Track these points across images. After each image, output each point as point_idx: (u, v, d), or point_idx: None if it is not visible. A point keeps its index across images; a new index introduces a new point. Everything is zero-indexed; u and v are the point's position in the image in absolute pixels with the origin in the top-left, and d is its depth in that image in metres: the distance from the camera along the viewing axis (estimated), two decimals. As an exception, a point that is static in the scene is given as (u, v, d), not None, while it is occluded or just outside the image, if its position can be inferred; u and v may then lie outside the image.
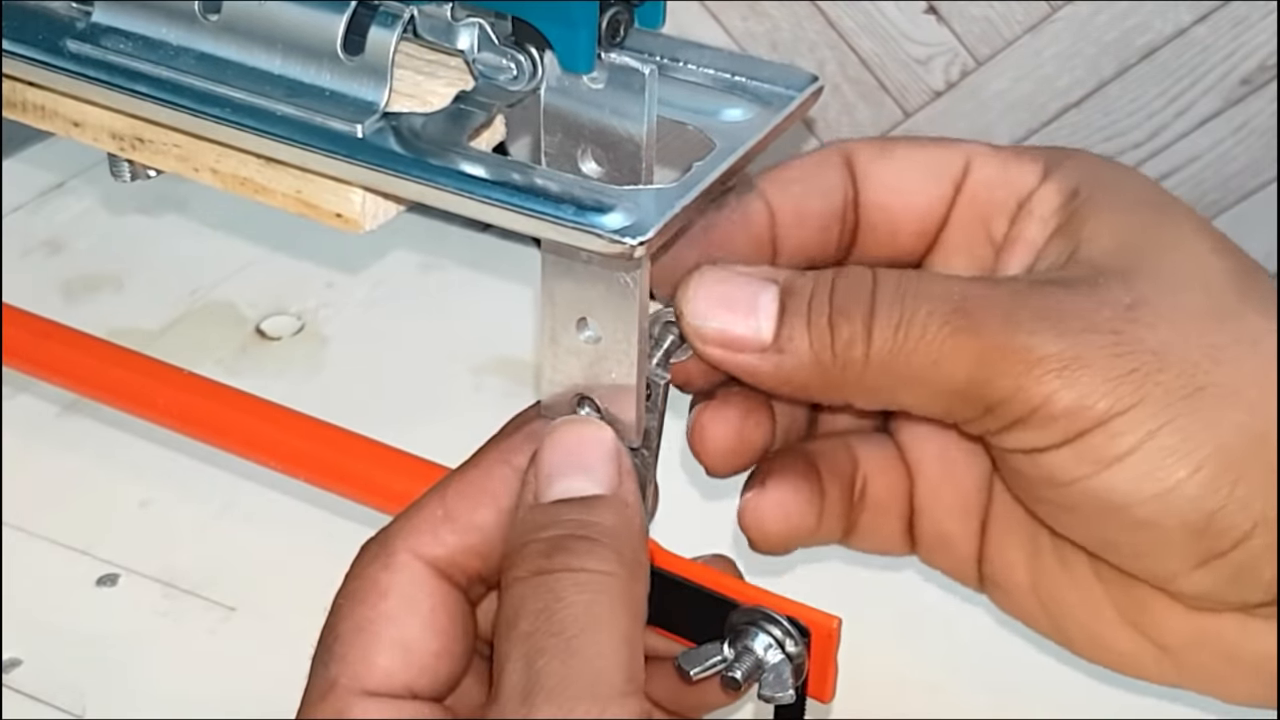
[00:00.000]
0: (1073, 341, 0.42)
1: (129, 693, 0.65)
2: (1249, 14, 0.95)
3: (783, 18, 0.99)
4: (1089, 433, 0.42)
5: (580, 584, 0.41)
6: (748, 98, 0.45)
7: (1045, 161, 0.47)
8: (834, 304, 0.43)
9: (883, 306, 0.43)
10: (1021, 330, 0.42)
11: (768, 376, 0.44)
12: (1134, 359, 0.42)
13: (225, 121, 0.42)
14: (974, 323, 0.42)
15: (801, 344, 0.43)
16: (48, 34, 0.44)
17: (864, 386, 0.44)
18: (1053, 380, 0.42)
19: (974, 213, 0.47)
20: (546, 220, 0.40)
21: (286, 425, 0.63)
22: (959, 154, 0.47)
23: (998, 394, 0.42)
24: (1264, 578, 0.42)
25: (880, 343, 0.43)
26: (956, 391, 0.43)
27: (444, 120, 0.43)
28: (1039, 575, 0.47)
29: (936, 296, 0.43)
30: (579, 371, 0.44)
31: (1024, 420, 0.42)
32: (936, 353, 0.42)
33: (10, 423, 0.74)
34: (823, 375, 0.44)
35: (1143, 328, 0.42)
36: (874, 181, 0.47)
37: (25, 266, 0.86)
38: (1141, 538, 0.43)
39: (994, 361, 0.42)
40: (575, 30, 0.40)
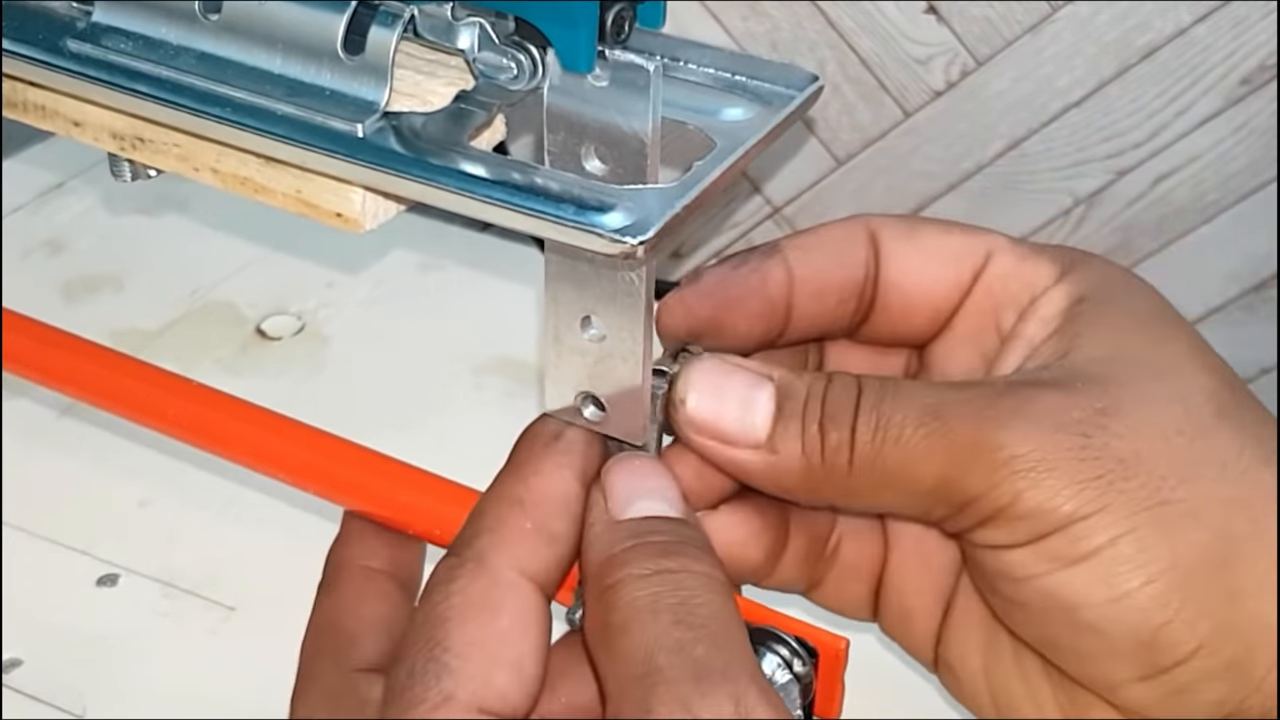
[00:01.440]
0: (1041, 442, 0.42)
1: (129, 693, 0.65)
2: (1249, 14, 0.95)
3: (783, 17, 0.99)
4: (1052, 534, 0.42)
5: (708, 585, 0.42)
6: (748, 97, 0.45)
7: (1062, 264, 0.47)
8: (825, 410, 0.44)
9: (863, 413, 0.44)
10: (991, 430, 0.43)
11: (757, 474, 0.45)
12: (1100, 465, 0.42)
13: (225, 121, 0.42)
14: (946, 424, 0.43)
15: (794, 448, 0.44)
16: (48, 34, 0.44)
17: (848, 491, 0.44)
18: (1019, 480, 0.42)
19: (988, 304, 0.48)
20: (547, 220, 0.40)
21: (286, 434, 0.63)
22: (982, 244, 0.48)
23: (969, 493, 0.43)
24: (1203, 700, 0.43)
25: (861, 447, 0.44)
26: (930, 491, 0.43)
27: (444, 120, 0.43)
28: (992, 665, 0.48)
29: (913, 400, 0.44)
30: (583, 371, 0.44)
31: (993, 519, 0.43)
32: (910, 454, 0.43)
33: (10, 424, 0.74)
34: (811, 479, 0.44)
35: (1111, 435, 0.43)
36: (898, 262, 0.48)
37: (25, 267, 0.86)
38: (1087, 642, 0.43)
39: (964, 461, 0.43)
40: (575, 29, 0.40)
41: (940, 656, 0.49)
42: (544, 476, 0.45)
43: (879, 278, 0.48)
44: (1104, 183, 1.02)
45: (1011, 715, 0.47)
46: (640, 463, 0.45)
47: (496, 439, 0.76)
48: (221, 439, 0.63)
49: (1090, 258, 0.48)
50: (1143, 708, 0.43)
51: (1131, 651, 0.42)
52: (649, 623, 0.41)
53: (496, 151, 0.43)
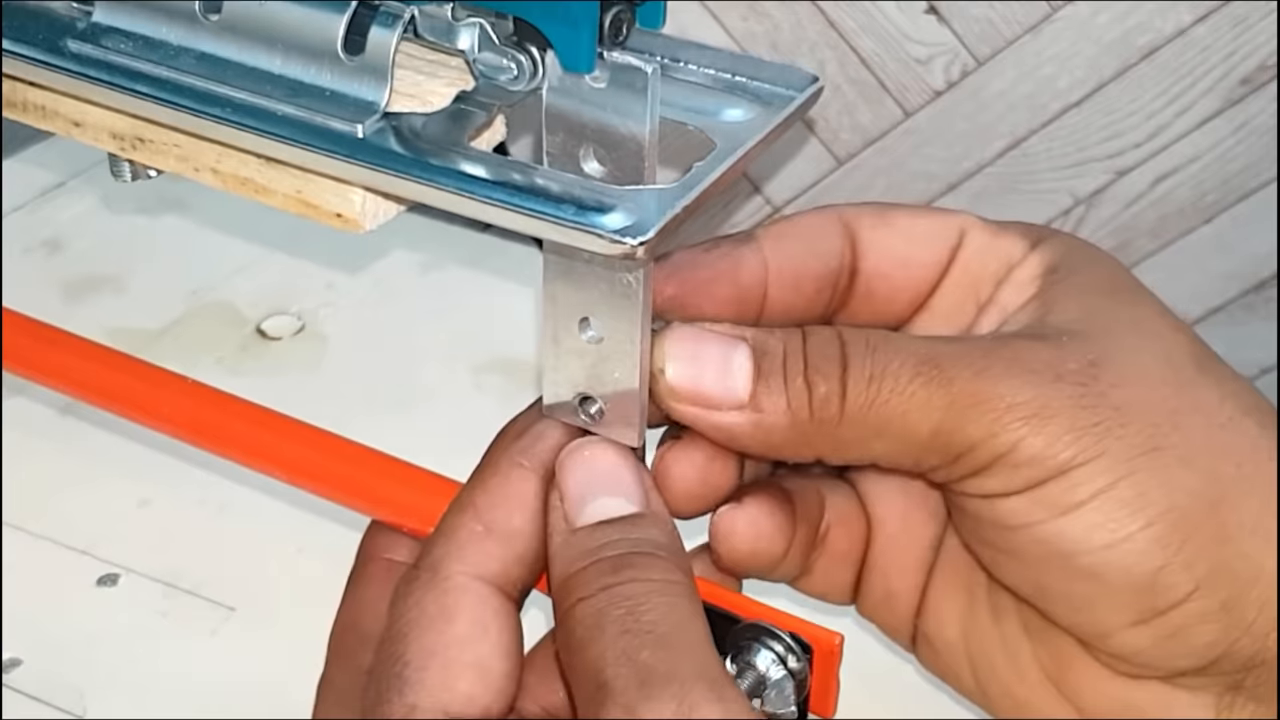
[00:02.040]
0: (1041, 390, 0.43)
1: (129, 692, 0.65)
2: (1249, 14, 0.95)
3: (783, 18, 0.99)
4: (1049, 481, 0.43)
5: (657, 590, 0.42)
6: (748, 98, 0.45)
7: (1031, 237, 0.48)
8: (808, 362, 0.44)
9: (855, 361, 0.44)
10: (992, 379, 0.43)
11: (744, 435, 0.45)
12: (1097, 412, 0.43)
13: (226, 121, 0.42)
14: (944, 374, 0.43)
15: (779, 403, 0.44)
16: (48, 34, 0.44)
17: (838, 441, 0.44)
18: (1021, 428, 0.43)
19: (966, 280, 0.48)
20: (547, 220, 0.40)
21: (286, 433, 0.63)
22: (954, 223, 0.49)
23: (967, 441, 0.43)
24: (1196, 642, 0.43)
25: (854, 397, 0.44)
26: (925, 441, 0.43)
27: (444, 120, 0.43)
28: (970, 631, 0.48)
29: (907, 350, 0.44)
30: (581, 372, 0.44)
31: (989, 467, 0.43)
32: (908, 403, 0.43)
33: (10, 423, 0.74)
34: (799, 433, 0.44)
35: (1106, 384, 0.43)
36: (876, 249, 0.48)
37: (26, 266, 0.86)
38: (1083, 588, 0.43)
39: (964, 409, 0.43)
40: (576, 30, 0.40)
41: (919, 631, 0.50)
42: (499, 476, 0.45)
43: (857, 265, 0.48)
44: (1104, 183, 1.02)
45: (991, 681, 0.48)
46: (592, 452, 0.45)
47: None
48: (221, 438, 0.63)
49: (1056, 232, 0.49)
50: (1134, 653, 0.44)
51: (1129, 595, 0.43)
52: (596, 638, 0.41)
53: (496, 152, 0.43)
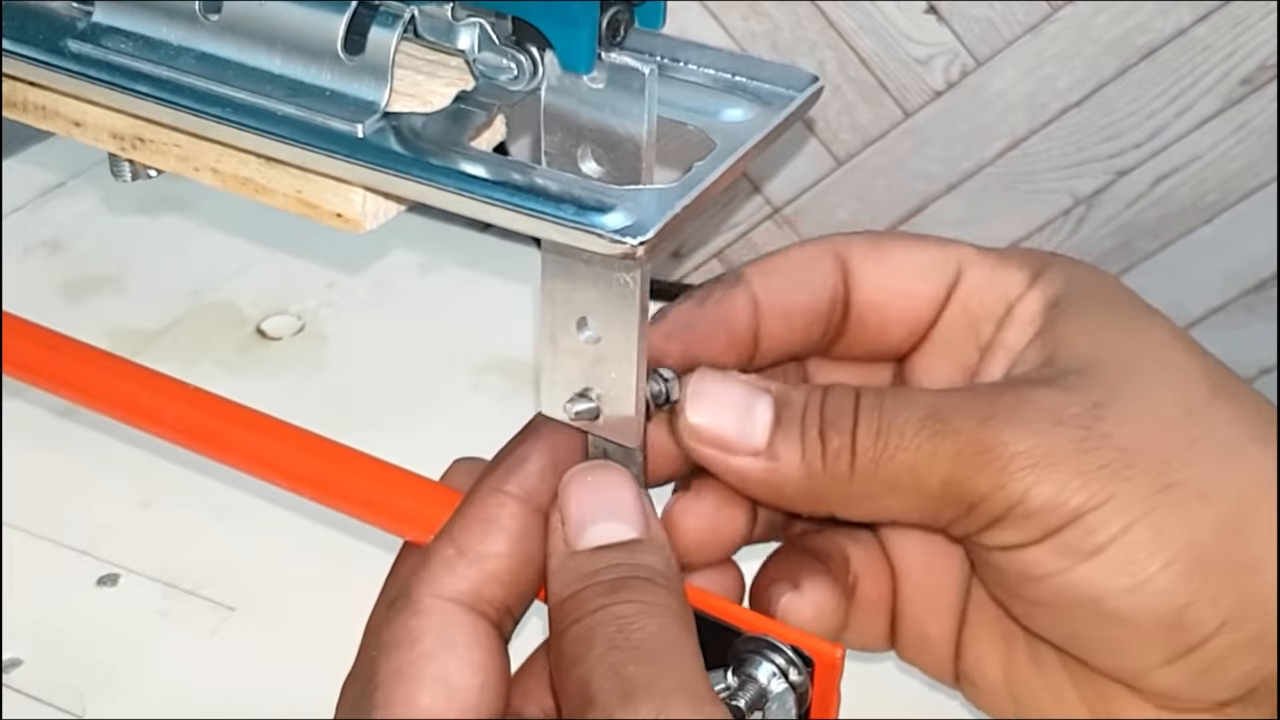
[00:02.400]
0: (1043, 438, 0.43)
1: (129, 692, 0.65)
2: (1249, 14, 0.95)
3: (783, 17, 0.99)
4: (1065, 528, 0.42)
5: (649, 611, 0.42)
6: (748, 98, 0.44)
7: (1032, 268, 0.48)
8: (824, 417, 0.45)
9: (864, 417, 0.44)
10: (994, 429, 0.43)
11: (757, 482, 0.45)
12: (1102, 455, 0.43)
13: (226, 121, 0.42)
14: (948, 426, 0.43)
15: (794, 454, 0.45)
16: (49, 34, 0.44)
17: (850, 497, 0.45)
18: (1027, 476, 0.42)
19: (964, 316, 0.48)
20: (546, 220, 0.40)
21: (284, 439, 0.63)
22: (952, 256, 0.48)
23: (976, 493, 0.43)
24: (1232, 675, 0.43)
25: (863, 452, 0.44)
26: (935, 494, 0.43)
27: (444, 120, 0.43)
28: (1012, 673, 0.48)
29: (913, 404, 0.44)
30: (579, 372, 0.44)
31: (1002, 518, 0.43)
32: (914, 457, 0.43)
33: (10, 425, 0.74)
34: (811, 486, 0.45)
35: (1109, 424, 0.43)
36: (869, 281, 0.48)
37: (26, 266, 0.86)
38: (1113, 633, 0.43)
39: (970, 460, 0.43)
40: (576, 30, 0.40)
41: (961, 672, 0.49)
42: (476, 503, 0.45)
43: (850, 297, 0.48)
44: (1104, 183, 1.02)
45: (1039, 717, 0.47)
46: (595, 476, 0.45)
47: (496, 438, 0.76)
48: (220, 444, 0.63)
49: (1057, 258, 0.48)
50: (1172, 690, 0.44)
51: (1158, 635, 0.43)
52: (585, 654, 0.41)
53: (496, 152, 0.43)
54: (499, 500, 0.45)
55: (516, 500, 0.45)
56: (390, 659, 0.43)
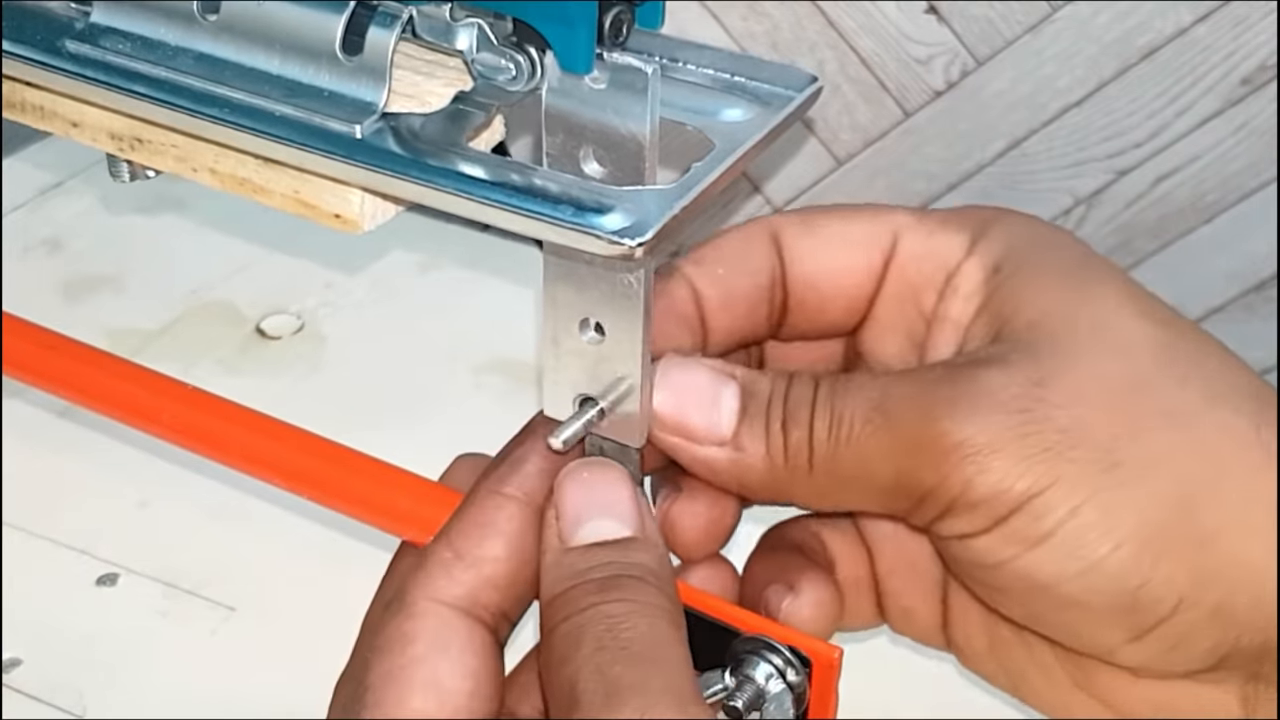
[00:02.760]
0: (982, 425, 0.42)
1: (129, 692, 0.65)
2: (1249, 14, 0.95)
3: (783, 17, 0.98)
4: (1012, 515, 0.42)
5: (639, 611, 0.42)
6: (747, 98, 0.44)
7: (971, 230, 0.47)
8: (786, 409, 0.44)
9: (819, 409, 0.44)
10: (933, 420, 0.43)
11: (722, 472, 0.45)
12: (1044, 438, 0.42)
13: (224, 122, 0.42)
14: (891, 419, 0.43)
15: (758, 447, 0.44)
16: (46, 34, 0.44)
17: (810, 490, 0.44)
18: (968, 467, 0.42)
19: (903, 287, 0.47)
20: (545, 221, 0.40)
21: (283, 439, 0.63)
22: (886, 226, 0.48)
23: (923, 486, 0.43)
24: (1198, 649, 0.43)
25: (819, 446, 0.44)
26: (888, 487, 0.43)
27: (443, 121, 0.43)
28: (997, 645, 0.48)
29: (859, 395, 0.44)
30: (582, 373, 0.44)
31: (950, 509, 0.43)
32: (861, 452, 0.43)
33: (10, 424, 0.74)
34: (774, 478, 0.44)
35: (1051, 406, 0.42)
36: (801, 259, 0.48)
37: (25, 266, 0.86)
38: (1071, 616, 0.43)
39: (913, 455, 0.43)
40: (574, 30, 0.40)
41: (949, 640, 0.49)
42: (474, 505, 0.45)
43: (786, 277, 0.48)
44: (1104, 183, 1.02)
45: (1025, 688, 0.47)
46: (591, 473, 0.45)
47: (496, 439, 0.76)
48: (218, 444, 0.63)
49: (1000, 215, 0.47)
50: (1141, 665, 0.44)
51: (1114, 617, 0.42)
52: (573, 654, 0.41)
53: (495, 153, 0.43)
54: (497, 503, 0.45)
55: (515, 503, 0.45)
56: (383, 661, 0.43)
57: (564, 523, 0.44)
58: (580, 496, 0.44)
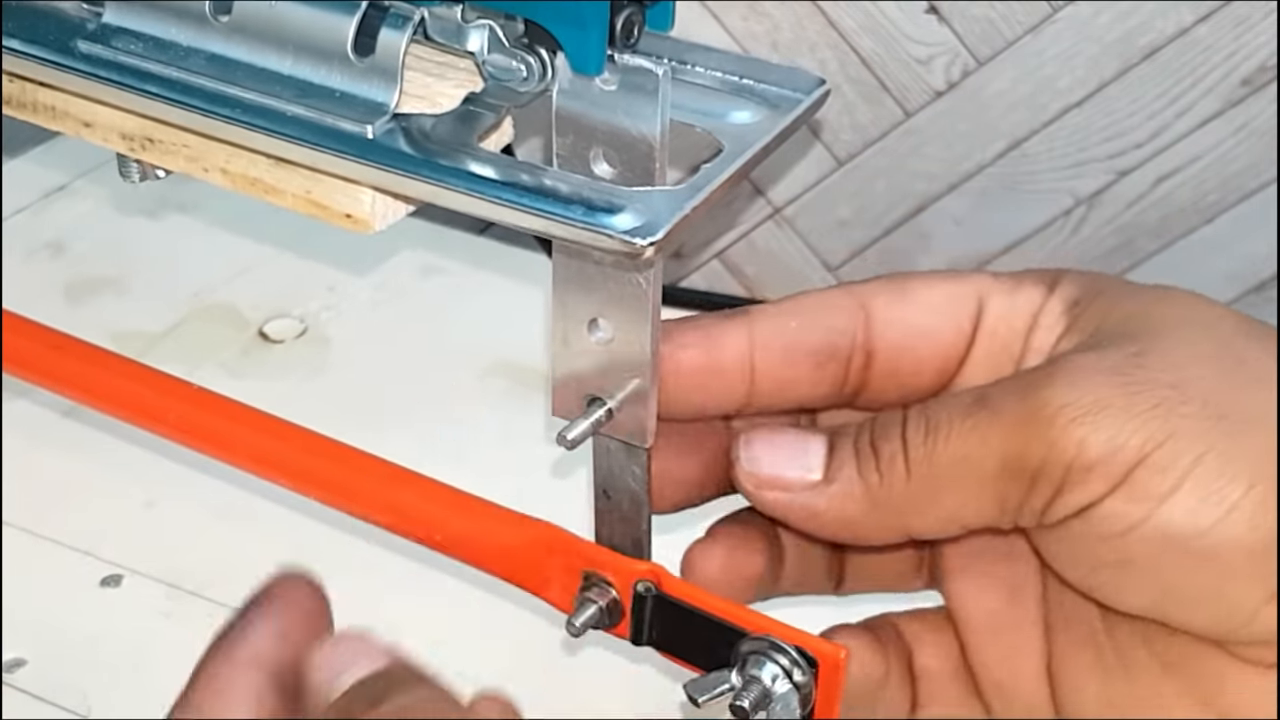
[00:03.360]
0: (1086, 388, 0.42)
1: (133, 693, 0.65)
2: (1250, 14, 0.95)
3: (783, 17, 0.98)
4: (1133, 472, 0.42)
5: None
6: (755, 100, 0.45)
7: (1047, 281, 0.48)
8: (874, 432, 0.45)
9: (911, 420, 0.45)
10: (1036, 393, 0.43)
11: (822, 513, 0.45)
12: (1152, 394, 0.42)
13: (236, 122, 0.42)
14: (992, 407, 0.44)
15: (851, 472, 0.45)
16: (59, 35, 0.45)
17: (913, 503, 0.45)
18: (1079, 428, 0.42)
19: (994, 343, 0.48)
20: (556, 220, 0.40)
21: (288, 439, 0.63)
22: (971, 288, 0.48)
23: (1033, 461, 0.43)
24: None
25: (914, 453, 0.44)
26: (995, 476, 0.43)
27: (453, 121, 0.43)
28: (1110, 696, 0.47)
29: (956, 399, 0.45)
30: (591, 374, 0.45)
31: (1066, 480, 0.42)
32: (965, 445, 0.43)
33: (12, 426, 0.74)
34: (872, 499, 0.45)
35: (1153, 370, 0.43)
36: (892, 323, 0.48)
37: (28, 268, 0.86)
38: (1207, 577, 0.42)
39: (1019, 432, 0.43)
40: (586, 31, 0.40)
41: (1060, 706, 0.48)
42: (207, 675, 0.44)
43: (874, 343, 0.48)
44: (1105, 183, 1.02)
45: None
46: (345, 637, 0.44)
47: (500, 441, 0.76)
48: (223, 444, 0.63)
49: (1067, 270, 0.48)
50: (1268, 635, 0.43)
51: (1254, 568, 0.42)
52: None
53: (504, 154, 0.43)
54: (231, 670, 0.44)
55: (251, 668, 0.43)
56: None
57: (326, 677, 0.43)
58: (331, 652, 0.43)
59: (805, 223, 1.05)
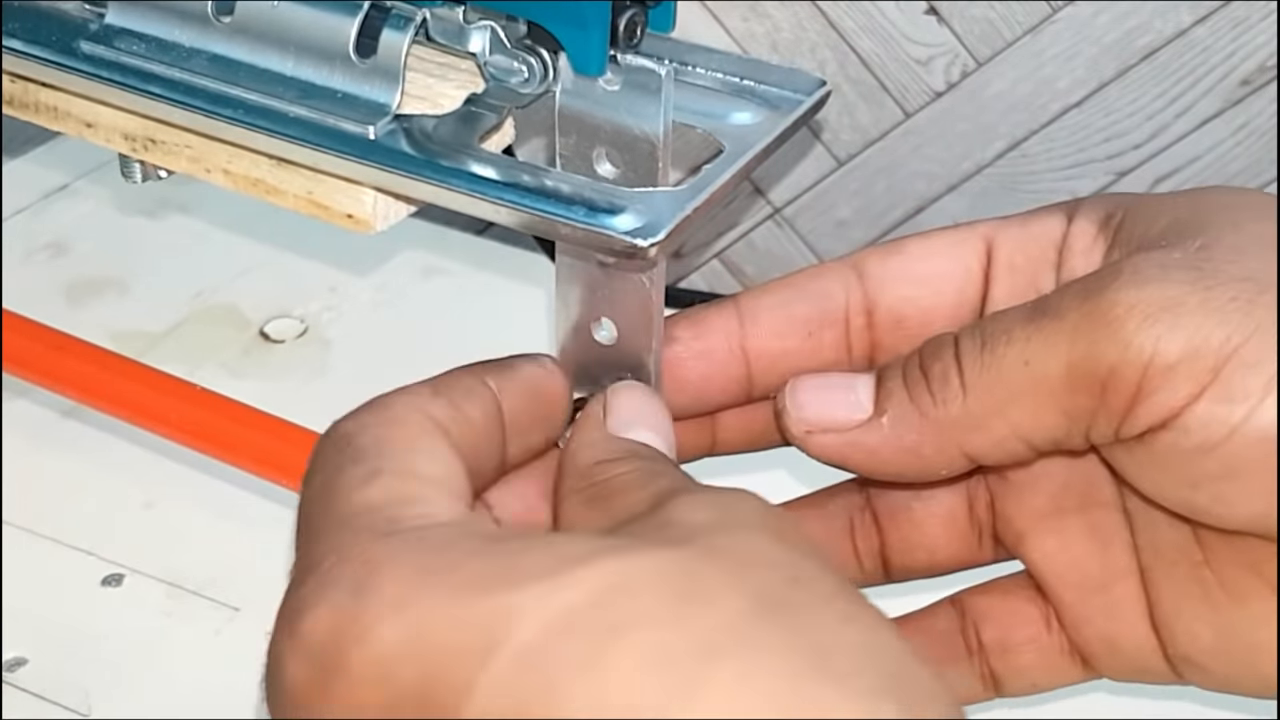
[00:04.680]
0: (1157, 286, 0.39)
1: (134, 692, 0.65)
2: (1249, 15, 0.95)
3: (783, 18, 0.99)
4: (1221, 371, 0.38)
5: None
6: (756, 101, 0.45)
7: (1066, 208, 0.45)
8: (923, 355, 0.42)
9: (965, 337, 0.42)
10: (1100, 294, 0.39)
11: (879, 449, 0.43)
12: (1228, 288, 0.39)
13: (238, 122, 0.43)
14: (1051, 312, 0.40)
15: (902, 399, 0.42)
16: (61, 35, 0.45)
17: (973, 421, 0.41)
18: (1154, 327, 0.39)
19: (1017, 279, 0.45)
20: (558, 221, 0.40)
21: (287, 439, 0.63)
22: (973, 232, 0.46)
23: (1104, 366, 0.39)
24: None
25: (970, 366, 0.41)
26: (1061, 385, 0.40)
27: (455, 122, 0.43)
28: (1223, 631, 0.44)
29: (1011, 311, 0.42)
30: (595, 372, 0.45)
31: (1145, 385, 0.39)
32: (1026, 349, 0.40)
33: (13, 426, 0.74)
34: (928, 424, 0.42)
35: (1222, 262, 0.39)
36: (888, 279, 0.46)
37: (29, 269, 0.86)
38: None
39: (1086, 334, 0.39)
40: (587, 32, 0.40)
41: (1173, 660, 0.45)
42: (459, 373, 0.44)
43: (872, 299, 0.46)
44: (1104, 183, 1.02)
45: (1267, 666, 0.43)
46: (645, 395, 0.43)
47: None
48: (224, 444, 0.63)
49: (1083, 198, 0.46)
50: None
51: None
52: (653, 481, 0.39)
53: (504, 155, 0.44)
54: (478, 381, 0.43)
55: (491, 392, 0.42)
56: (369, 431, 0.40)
57: (614, 419, 0.42)
58: (635, 406, 0.43)
59: (805, 223, 1.05)
